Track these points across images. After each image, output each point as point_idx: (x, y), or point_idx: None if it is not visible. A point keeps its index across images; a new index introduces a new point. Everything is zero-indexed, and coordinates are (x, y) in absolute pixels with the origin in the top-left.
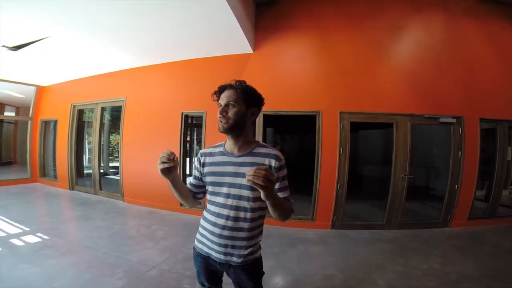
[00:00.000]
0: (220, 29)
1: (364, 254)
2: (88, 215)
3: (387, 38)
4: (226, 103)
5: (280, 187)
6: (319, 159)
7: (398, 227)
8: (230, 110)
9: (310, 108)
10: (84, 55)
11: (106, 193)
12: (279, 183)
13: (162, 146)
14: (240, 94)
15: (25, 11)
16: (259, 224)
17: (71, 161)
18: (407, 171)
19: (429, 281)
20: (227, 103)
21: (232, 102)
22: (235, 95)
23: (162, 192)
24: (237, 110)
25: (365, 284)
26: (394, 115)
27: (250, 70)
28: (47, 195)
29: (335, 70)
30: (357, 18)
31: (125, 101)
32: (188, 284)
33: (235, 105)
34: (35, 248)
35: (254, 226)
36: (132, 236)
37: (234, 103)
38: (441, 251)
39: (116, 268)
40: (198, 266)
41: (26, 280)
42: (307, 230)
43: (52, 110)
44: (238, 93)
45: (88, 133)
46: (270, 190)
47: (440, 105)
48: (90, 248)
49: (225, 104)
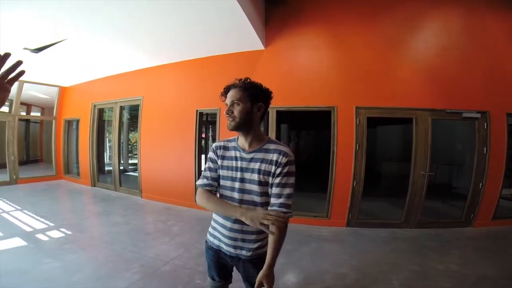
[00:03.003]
0: (232, 27)
1: (379, 253)
2: (108, 211)
3: (403, 31)
4: (231, 103)
5: (280, 182)
6: (334, 155)
7: (416, 226)
8: (235, 108)
9: (325, 104)
10: (102, 55)
11: (125, 190)
12: (280, 177)
13: (178, 143)
14: (243, 91)
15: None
16: None
17: (93, 159)
18: (428, 168)
19: (446, 282)
20: (232, 102)
21: (236, 101)
22: (238, 94)
23: (178, 188)
24: (242, 108)
25: (378, 283)
26: (413, 110)
27: (262, 67)
28: (70, 192)
29: (350, 64)
30: (372, 11)
31: (142, 99)
32: (200, 280)
33: (239, 103)
34: (58, 243)
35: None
36: (148, 232)
37: (238, 102)
38: (461, 251)
39: (132, 263)
40: (209, 260)
41: (47, 274)
42: (322, 228)
43: (74, 109)
44: (241, 91)
45: (108, 131)
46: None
47: (463, 99)
48: (109, 243)
49: (230, 104)
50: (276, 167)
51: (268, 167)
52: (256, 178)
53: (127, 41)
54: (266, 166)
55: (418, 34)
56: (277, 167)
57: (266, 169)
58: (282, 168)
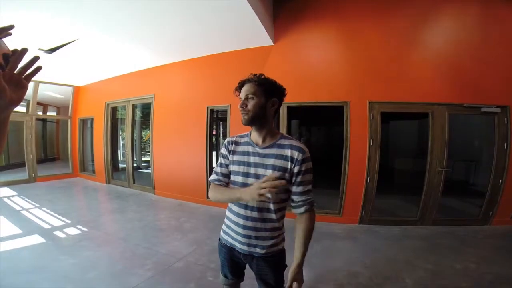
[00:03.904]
0: (240, 24)
1: (393, 251)
2: (122, 207)
3: (418, 25)
4: (245, 97)
5: (302, 180)
6: (347, 151)
7: (432, 224)
8: (250, 103)
9: (337, 99)
10: (115, 55)
11: (139, 186)
12: (301, 176)
13: (190, 140)
14: (258, 86)
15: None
16: (282, 215)
17: (107, 157)
18: (445, 165)
19: (462, 281)
20: (246, 96)
21: (251, 95)
22: (253, 88)
23: (190, 184)
24: (256, 102)
25: (392, 282)
26: (429, 104)
27: (272, 62)
28: (86, 189)
29: (362, 59)
30: (385, 5)
31: (154, 97)
32: (212, 277)
33: (254, 97)
34: (75, 240)
35: (277, 218)
36: (161, 228)
37: (253, 96)
38: (478, 250)
39: (145, 260)
40: (223, 258)
41: (64, 271)
42: (334, 225)
43: (88, 108)
44: (256, 85)
45: (121, 129)
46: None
47: (482, 93)
48: (124, 240)
49: (245, 98)
50: (294, 165)
51: (283, 163)
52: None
53: (138, 40)
54: (281, 162)
55: (433, 28)
56: (294, 165)
57: (281, 165)
58: (300, 166)
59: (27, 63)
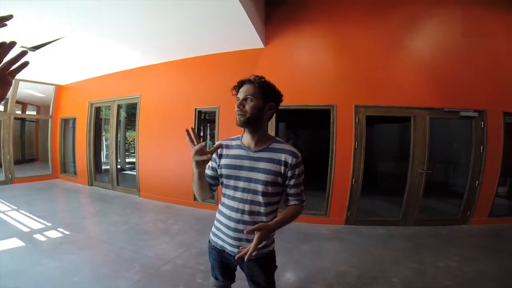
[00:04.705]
0: (231, 25)
1: (378, 251)
2: (106, 210)
3: (404, 31)
4: (244, 97)
5: (295, 183)
6: (333, 153)
7: (414, 224)
8: (248, 104)
9: (324, 102)
10: (99, 54)
11: (123, 189)
12: (294, 179)
13: (177, 141)
14: (258, 88)
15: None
16: (272, 218)
17: (90, 158)
18: (425, 167)
19: (445, 279)
20: (245, 97)
21: (250, 96)
22: (253, 90)
23: (177, 187)
24: (254, 104)
25: (379, 281)
26: (411, 108)
27: (262, 65)
28: (67, 191)
29: (350, 63)
30: (372, 10)
31: (140, 98)
32: (201, 279)
33: (253, 99)
34: (56, 243)
35: (267, 221)
36: (148, 231)
37: (252, 97)
38: (458, 249)
39: (132, 263)
40: (213, 260)
41: (46, 275)
42: (321, 226)
43: (70, 108)
44: (256, 87)
45: (105, 130)
46: (268, 235)
47: (461, 98)
48: (108, 243)
49: (243, 98)
50: (287, 169)
51: (276, 167)
52: (262, 178)
53: (124, 39)
54: (274, 166)
55: (417, 34)
56: (288, 169)
57: (274, 169)
58: (294, 170)
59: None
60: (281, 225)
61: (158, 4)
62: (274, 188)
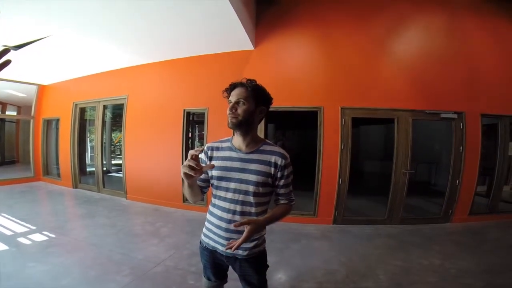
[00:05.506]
0: (221, 26)
1: (366, 249)
2: (92, 213)
3: (389, 34)
4: (236, 100)
5: (284, 183)
6: (320, 154)
7: (399, 222)
8: (240, 107)
9: (312, 104)
10: (85, 53)
11: (109, 191)
12: (284, 180)
13: (165, 143)
14: (250, 92)
15: (27, 11)
16: None
17: (74, 160)
18: (408, 167)
19: (429, 276)
20: (238, 100)
21: (242, 100)
22: (245, 93)
23: (165, 188)
24: (247, 107)
25: (367, 279)
26: (395, 110)
27: (251, 67)
28: (51, 194)
29: (337, 66)
30: (359, 14)
31: (127, 98)
32: (193, 280)
33: (245, 102)
34: (41, 246)
35: None
36: (137, 234)
37: (244, 101)
38: (441, 246)
39: (121, 266)
40: (205, 260)
41: (34, 278)
42: (310, 226)
43: (54, 108)
44: (248, 91)
45: (90, 131)
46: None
47: (442, 100)
48: (96, 246)
49: (235, 101)
50: (277, 170)
51: (266, 168)
52: (253, 179)
53: (110, 39)
54: (264, 167)
55: (402, 37)
56: (278, 170)
57: (264, 170)
58: (283, 171)
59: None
60: (270, 222)
61: (147, 4)
62: (265, 189)
